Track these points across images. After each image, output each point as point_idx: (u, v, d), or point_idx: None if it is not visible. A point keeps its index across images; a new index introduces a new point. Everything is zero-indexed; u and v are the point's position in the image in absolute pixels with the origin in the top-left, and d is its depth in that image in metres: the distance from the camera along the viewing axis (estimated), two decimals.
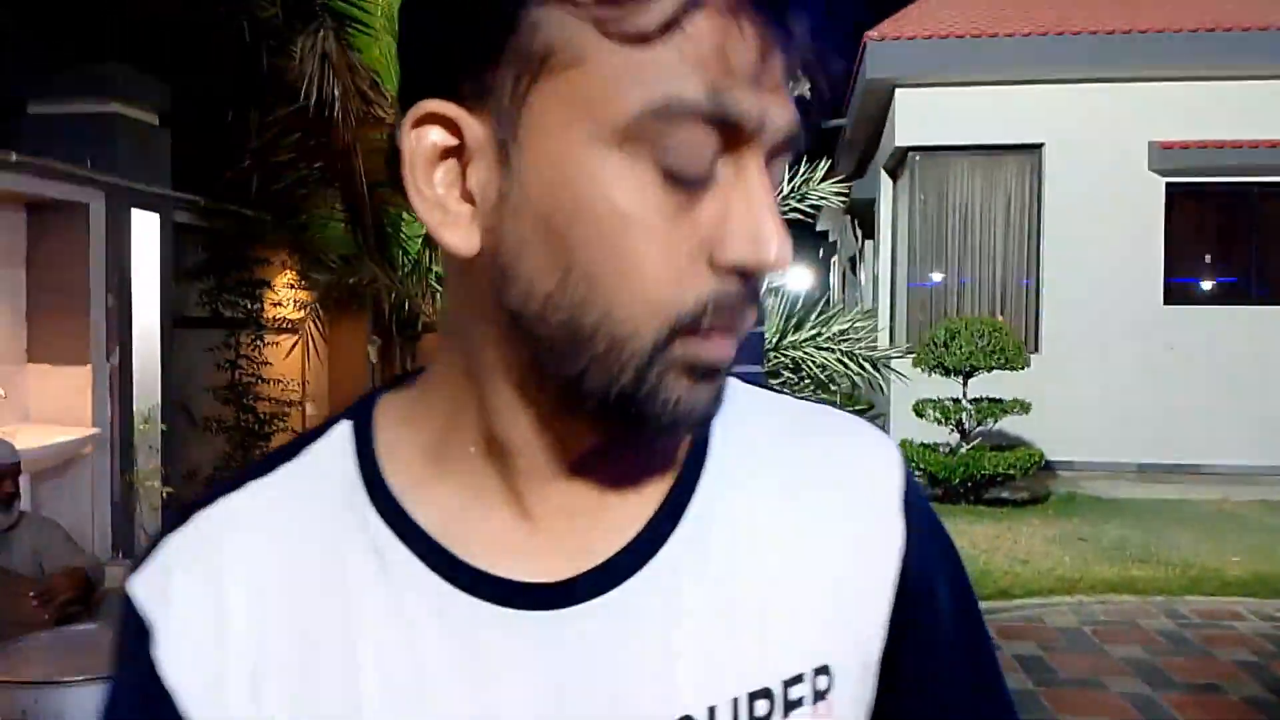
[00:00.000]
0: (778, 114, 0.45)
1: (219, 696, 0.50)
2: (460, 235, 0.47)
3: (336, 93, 5.36)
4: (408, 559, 0.51)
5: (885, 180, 11.17)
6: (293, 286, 8.00)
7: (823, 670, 0.54)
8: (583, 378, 0.47)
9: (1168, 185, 9.72)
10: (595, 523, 0.53)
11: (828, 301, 7.65)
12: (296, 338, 7.70)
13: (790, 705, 0.52)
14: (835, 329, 5.82)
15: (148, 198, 6.24)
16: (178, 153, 6.64)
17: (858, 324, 6.01)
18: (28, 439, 5.13)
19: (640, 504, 0.54)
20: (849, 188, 10.14)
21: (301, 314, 7.69)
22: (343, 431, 0.56)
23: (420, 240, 7.15)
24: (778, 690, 0.52)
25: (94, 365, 5.82)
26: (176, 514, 0.56)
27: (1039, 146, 9.94)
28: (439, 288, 7.26)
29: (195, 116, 6.81)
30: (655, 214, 0.44)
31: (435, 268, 7.23)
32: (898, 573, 0.57)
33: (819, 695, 0.54)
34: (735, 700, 0.51)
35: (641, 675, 0.51)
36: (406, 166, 0.47)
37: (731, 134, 0.44)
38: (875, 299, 11.55)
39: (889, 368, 6.06)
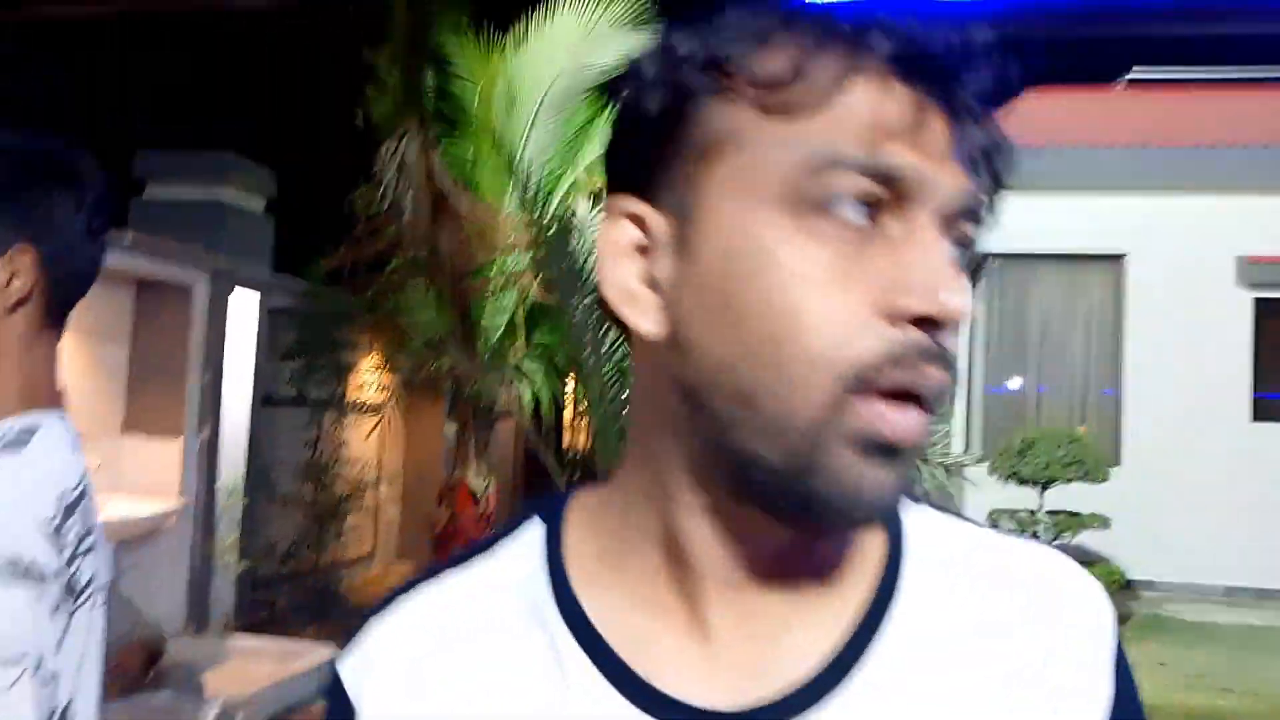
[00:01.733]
0: (943, 177, 0.46)
1: None
2: (650, 320, 0.50)
3: (407, 198, 5.60)
4: (587, 669, 0.52)
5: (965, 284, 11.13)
6: (376, 370, 8.22)
7: None
8: (754, 450, 0.46)
9: (1256, 300, 9.52)
10: (776, 643, 0.51)
11: None
12: (377, 419, 7.89)
13: None
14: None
15: (248, 280, 6.53)
16: (280, 236, 6.96)
17: (931, 427, 5.95)
18: (118, 509, 5.32)
19: (824, 629, 0.52)
20: None
21: (383, 397, 7.88)
22: (534, 529, 0.58)
23: (500, 330, 7.34)
24: None
25: (186, 439, 6.04)
26: (382, 601, 0.60)
27: (1122, 256, 9.84)
28: (516, 375, 7.40)
29: (299, 203, 7.15)
30: (823, 271, 0.45)
31: (512, 360, 7.40)
32: None
33: None
34: None
35: None
36: (602, 259, 0.51)
37: (896, 191, 0.46)
38: (951, 403, 11.39)
39: (962, 475, 5.98)
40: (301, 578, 7.58)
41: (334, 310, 7.27)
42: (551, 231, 5.07)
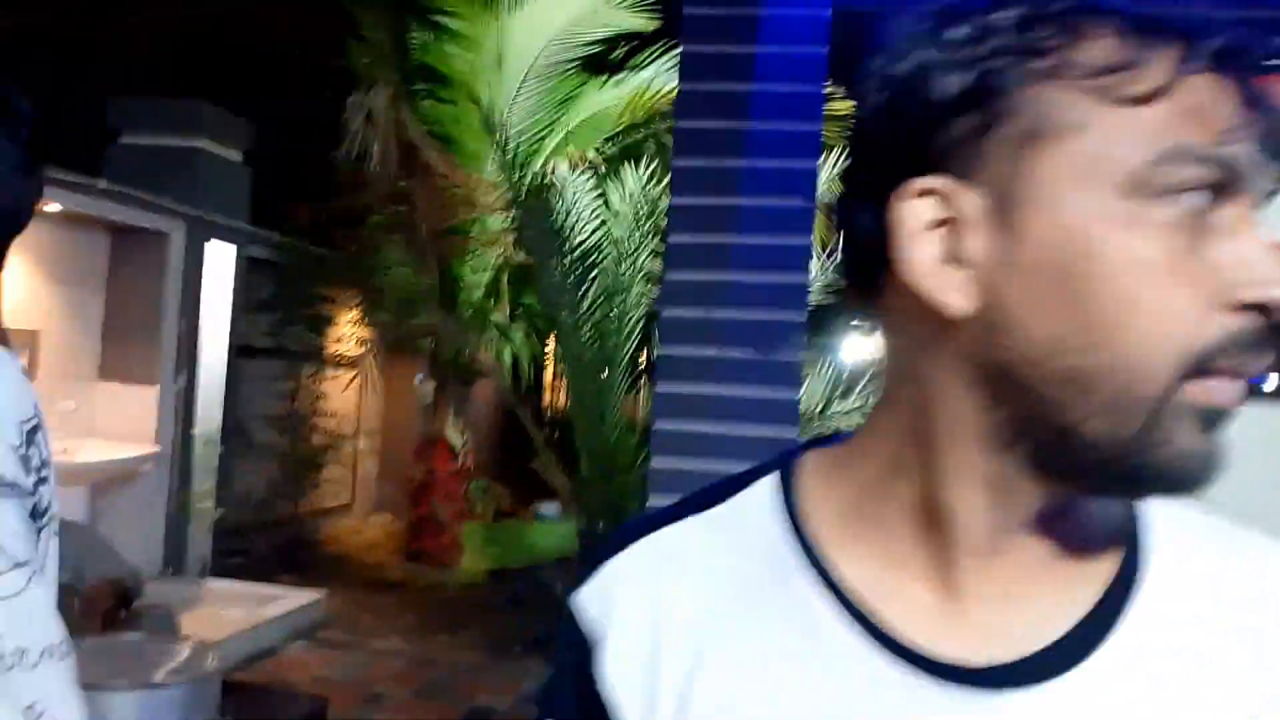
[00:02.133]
0: (1261, 166, 0.47)
1: (655, 706, 0.54)
2: (958, 296, 0.49)
3: (374, 149, 5.59)
4: (835, 619, 0.53)
5: None
6: (354, 324, 8.23)
7: None
8: (1080, 428, 0.47)
9: None
10: (1026, 607, 0.52)
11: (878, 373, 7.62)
12: (355, 373, 7.91)
13: None
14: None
15: (225, 230, 6.51)
16: (256, 188, 6.93)
17: None
18: (92, 453, 5.35)
19: (1073, 596, 0.53)
20: None
21: (361, 351, 7.90)
22: (769, 483, 0.59)
23: (483, 290, 7.34)
24: None
25: (161, 386, 6.05)
26: (617, 537, 0.60)
27: None
28: (496, 334, 7.42)
29: (276, 155, 7.11)
30: (1165, 258, 0.46)
31: (495, 317, 7.41)
32: None
33: None
34: None
35: None
36: (901, 238, 0.50)
37: (1227, 182, 0.47)
38: None
39: None
40: (278, 526, 7.63)
41: (312, 263, 7.26)
42: (528, 194, 5.08)
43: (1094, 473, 0.48)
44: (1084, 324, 0.46)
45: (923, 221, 0.50)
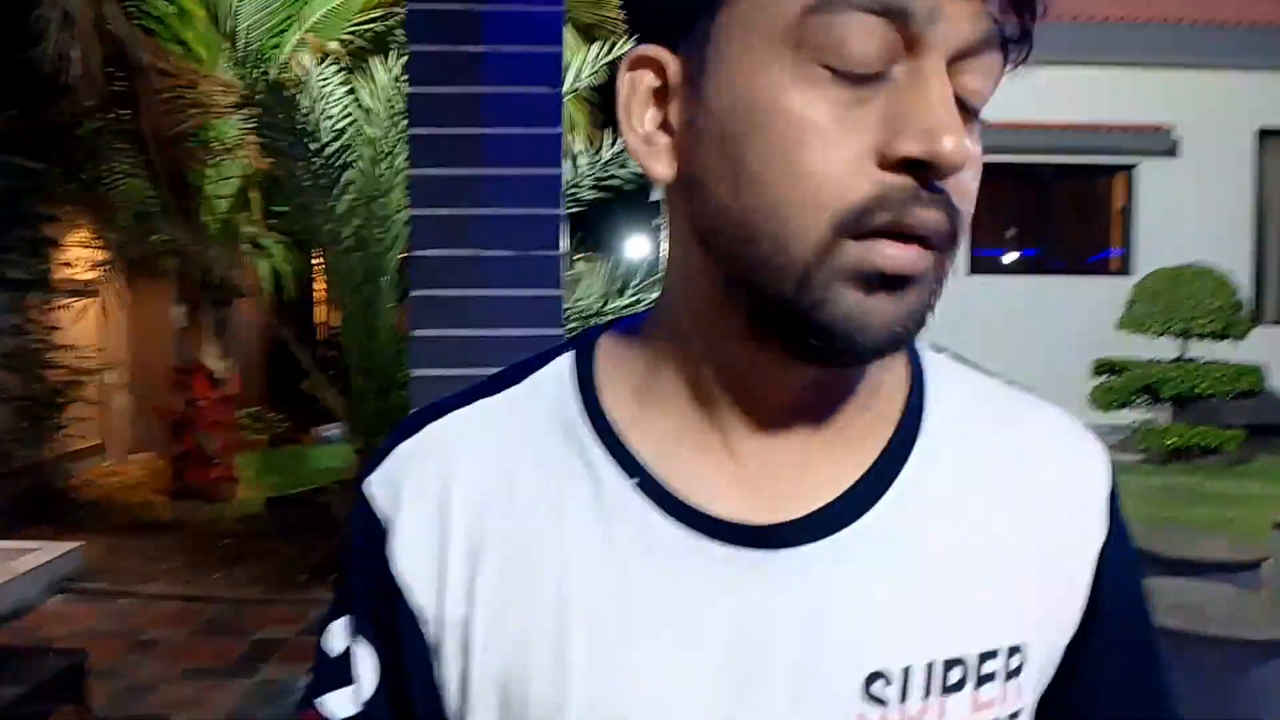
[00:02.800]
0: (954, 10, 0.45)
1: (440, 594, 0.55)
2: (662, 164, 0.51)
3: (74, 53, 5.03)
4: (620, 487, 0.54)
5: None
6: (85, 246, 7.48)
7: (1016, 650, 0.54)
8: (758, 290, 0.48)
9: None
10: (803, 475, 0.54)
11: (655, 269, 7.74)
12: (90, 301, 7.23)
13: (982, 679, 0.53)
14: (656, 295, 5.90)
15: None
16: None
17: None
18: None
19: (850, 463, 0.54)
20: None
21: (96, 275, 7.21)
22: (564, 362, 0.59)
23: (229, 201, 6.82)
24: (972, 661, 0.53)
25: None
26: (406, 424, 0.60)
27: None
28: (249, 250, 6.95)
29: None
30: (823, 115, 0.45)
31: (248, 229, 6.92)
32: (1094, 569, 0.57)
33: (1010, 674, 0.54)
34: (930, 664, 0.52)
35: (835, 626, 0.51)
36: (621, 105, 0.52)
37: (903, 30, 0.44)
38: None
39: None
40: (18, 476, 6.98)
41: (25, 180, 6.49)
42: (268, 91, 4.68)
43: (783, 335, 0.49)
44: (748, 184, 0.47)
45: (638, 91, 0.52)
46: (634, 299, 5.91)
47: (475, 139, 2.26)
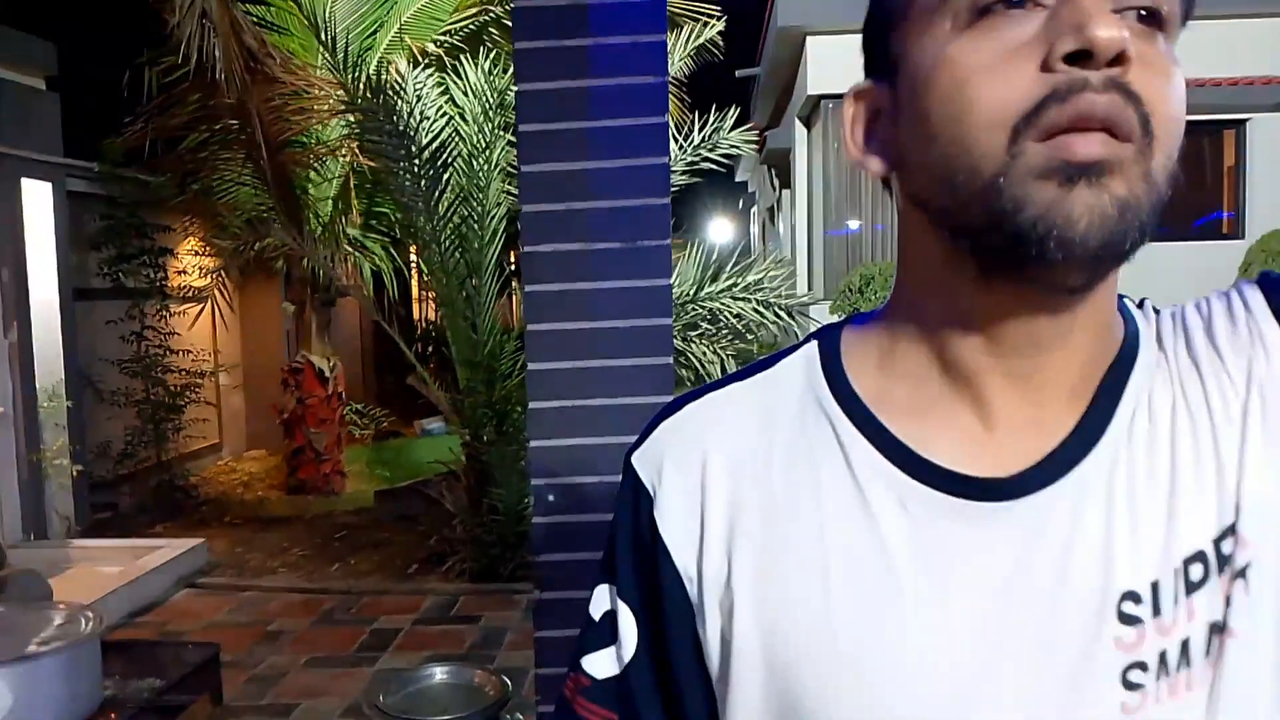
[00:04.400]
0: None
1: (700, 554, 0.61)
2: (875, 163, 0.60)
3: (218, 53, 5.17)
4: (871, 454, 0.58)
5: (800, 129, 11.22)
6: (197, 253, 7.76)
7: (1230, 530, 0.54)
8: (973, 223, 0.52)
9: None
10: (1040, 422, 0.57)
11: (745, 252, 7.68)
12: (203, 306, 7.49)
13: (1223, 560, 0.54)
14: (751, 279, 5.86)
15: (38, 166, 5.98)
16: (69, 118, 6.36)
17: (772, 273, 6.05)
18: None
19: (1080, 404, 0.57)
20: (762, 136, 10.08)
21: (208, 281, 7.47)
22: (810, 348, 0.65)
23: (330, 202, 6.99)
24: (1210, 551, 0.54)
25: None
26: (668, 406, 0.66)
27: None
28: (351, 250, 7.11)
29: (85, 78, 6.52)
30: (983, 50, 0.51)
31: (350, 230, 7.08)
32: None
33: (1238, 543, 0.54)
34: (1175, 570, 0.53)
35: (1081, 561, 0.54)
36: (845, 125, 0.62)
37: None
38: (793, 248, 11.65)
39: (805, 315, 6.13)
40: (145, 475, 7.29)
41: (139, 192, 6.75)
42: (368, 95, 4.78)
43: (1004, 259, 0.52)
44: (935, 138, 0.53)
45: (849, 116, 0.61)
46: (729, 283, 5.88)
47: (583, 132, 2.26)
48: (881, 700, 0.55)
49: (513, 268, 7.49)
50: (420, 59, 5.84)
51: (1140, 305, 0.63)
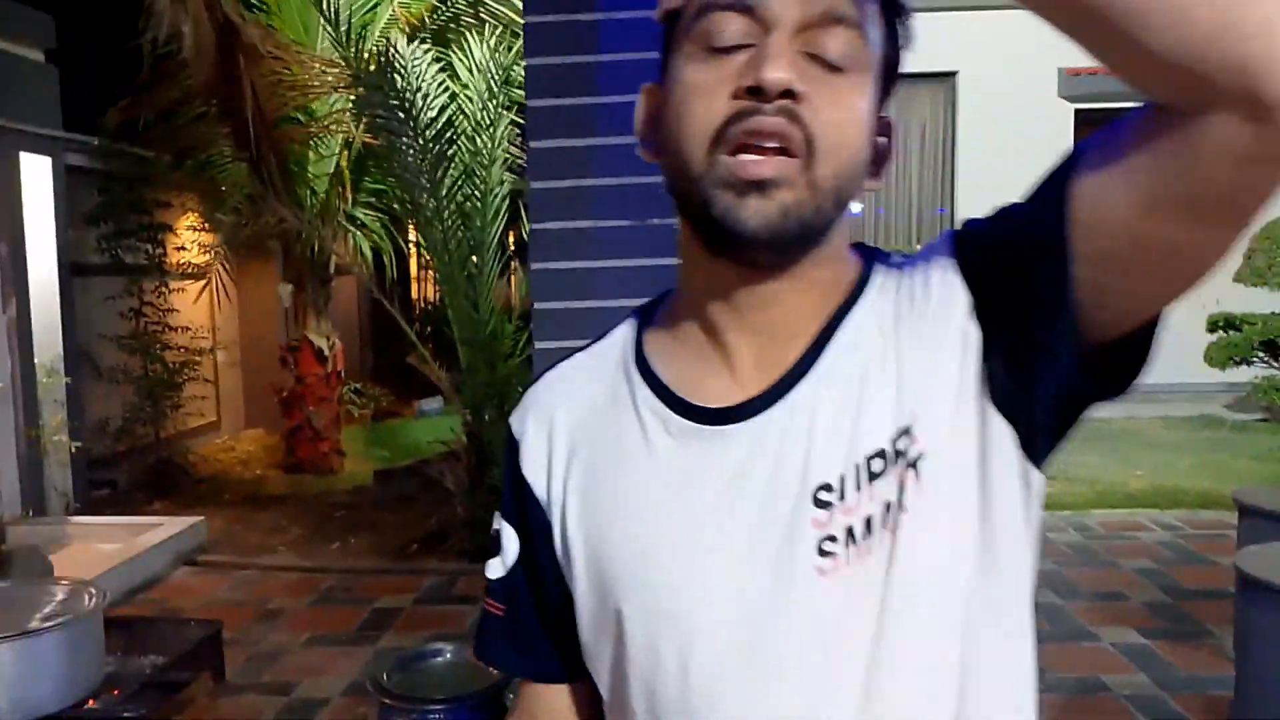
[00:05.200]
0: (790, 4, 0.66)
1: (549, 486, 0.81)
2: (646, 153, 0.76)
3: (185, 29, 5.12)
4: (649, 398, 0.77)
5: None
6: (196, 230, 7.70)
7: (905, 431, 0.69)
8: (688, 211, 0.70)
9: (1076, 111, 9.89)
10: (771, 362, 0.73)
11: None
12: (203, 283, 7.45)
13: (899, 454, 0.69)
14: None
15: (37, 140, 5.93)
16: (67, 92, 6.30)
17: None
18: None
19: (801, 346, 0.73)
20: None
21: (207, 258, 7.43)
22: (631, 320, 0.84)
23: (327, 179, 6.94)
24: (889, 448, 0.69)
25: None
26: (538, 375, 0.87)
27: (953, 75, 10.00)
28: (349, 228, 7.07)
29: (84, 52, 6.46)
30: (703, 77, 0.68)
31: (345, 208, 7.04)
32: (965, 289, 0.70)
33: (911, 441, 0.69)
34: (858, 465, 0.69)
35: (792, 462, 0.71)
36: (636, 118, 0.77)
37: (754, 16, 0.67)
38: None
39: None
40: (142, 453, 7.26)
41: (137, 168, 6.69)
42: (369, 70, 4.73)
43: (709, 241, 0.70)
44: (669, 137, 0.70)
45: (642, 108, 0.77)
46: None
47: (594, 108, 2.23)
48: (648, 583, 0.74)
49: (512, 249, 7.45)
50: (418, 35, 5.78)
51: (889, 256, 0.78)
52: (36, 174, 5.96)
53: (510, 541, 0.85)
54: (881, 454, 0.69)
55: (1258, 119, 0.53)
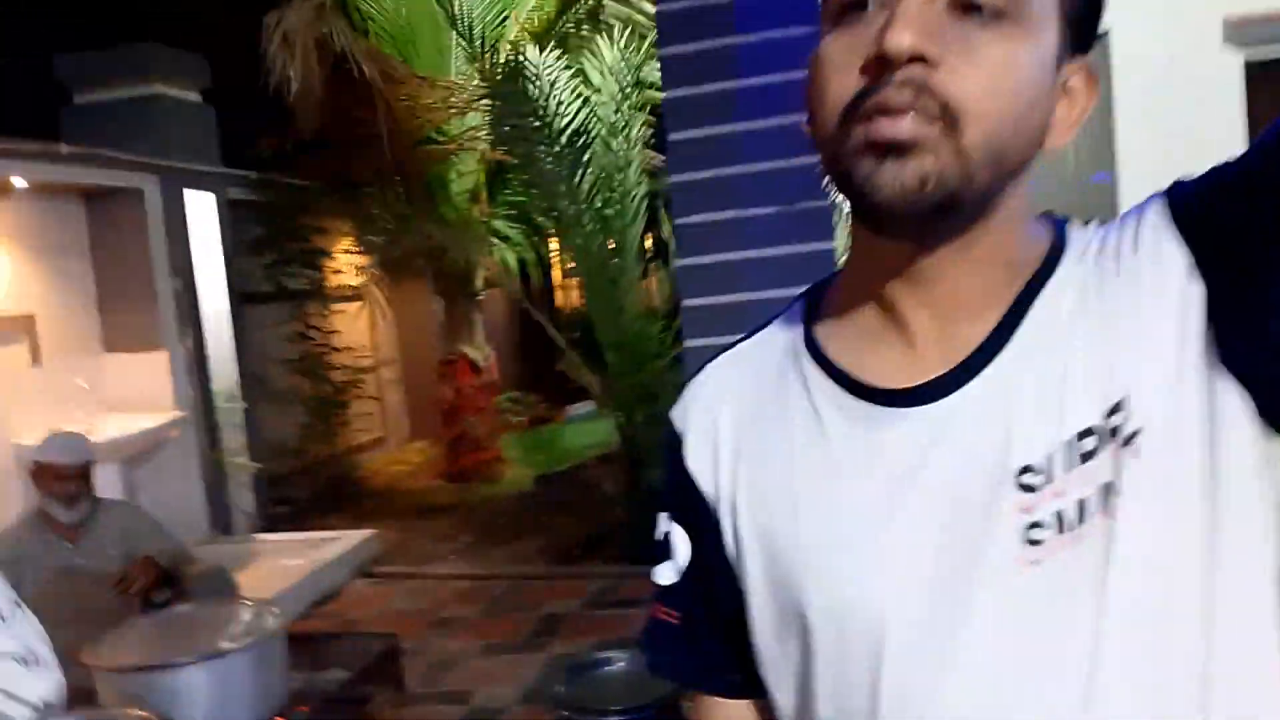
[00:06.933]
0: None
1: (716, 479, 0.77)
2: (807, 128, 0.71)
3: (291, 72, 5.31)
4: (821, 380, 0.73)
5: None
6: (350, 253, 8.00)
7: (1118, 406, 0.63)
8: (839, 186, 0.64)
9: (1245, 63, 9.16)
10: (954, 340, 0.68)
11: None
12: (361, 304, 7.72)
13: (1114, 431, 0.62)
14: None
15: (200, 177, 6.25)
16: (225, 129, 6.62)
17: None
18: (113, 428, 5.23)
19: (989, 317, 0.67)
20: None
21: (363, 280, 7.69)
22: (799, 303, 0.79)
23: (467, 195, 7.07)
24: (1101, 424, 0.63)
25: (169, 349, 5.89)
26: (699, 367, 0.83)
27: (1103, 35, 9.43)
28: (493, 241, 7.19)
29: (234, 88, 6.78)
30: (834, 50, 0.64)
31: (488, 221, 7.16)
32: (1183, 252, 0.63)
33: (1126, 416, 0.62)
34: (1067, 442, 0.63)
35: (989, 444, 0.65)
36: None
37: None
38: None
39: None
40: (316, 470, 7.58)
41: (291, 197, 6.97)
42: (503, 81, 4.76)
43: (859, 212, 0.65)
44: (811, 112, 0.65)
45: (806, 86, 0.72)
46: None
47: (732, 93, 2.15)
48: (834, 578, 0.69)
49: (651, 250, 7.44)
50: (545, 42, 5.81)
51: (1087, 224, 0.71)
52: (201, 209, 6.29)
53: (681, 543, 0.81)
54: (1091, 431, 0.62)
55: None
